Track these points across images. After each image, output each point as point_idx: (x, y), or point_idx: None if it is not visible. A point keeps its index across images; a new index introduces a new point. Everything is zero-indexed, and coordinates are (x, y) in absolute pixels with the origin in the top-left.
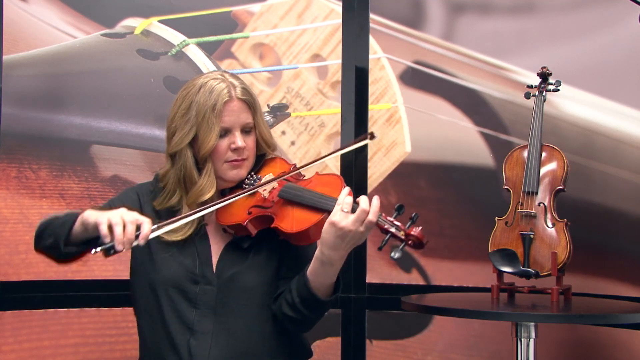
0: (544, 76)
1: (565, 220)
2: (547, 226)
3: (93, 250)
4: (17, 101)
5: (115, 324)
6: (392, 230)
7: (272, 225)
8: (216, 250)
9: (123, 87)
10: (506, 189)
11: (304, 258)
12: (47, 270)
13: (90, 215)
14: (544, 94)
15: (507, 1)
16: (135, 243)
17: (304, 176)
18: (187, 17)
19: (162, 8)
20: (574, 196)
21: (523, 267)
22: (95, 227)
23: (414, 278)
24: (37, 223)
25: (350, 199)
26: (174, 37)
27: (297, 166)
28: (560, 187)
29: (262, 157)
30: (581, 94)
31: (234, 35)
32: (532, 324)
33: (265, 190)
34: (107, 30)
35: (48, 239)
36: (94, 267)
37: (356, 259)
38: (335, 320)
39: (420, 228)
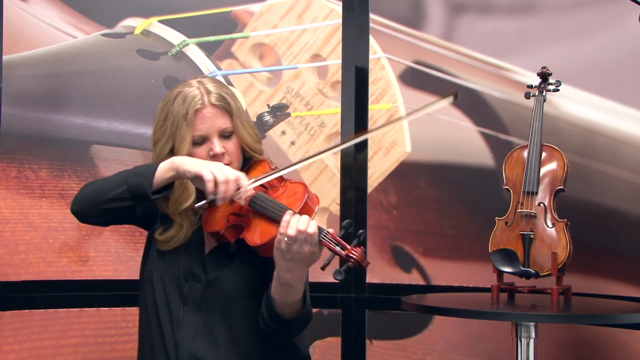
0: (544, 76)
1: (565, 220)
2: (547, 226)
3: (197, 205)
4: (17, 101)
5: (115, 324)
6: (337, 249)
7: (240, 236)
8: (209, 249)
9: (123, 87)
10: (506, 189)
11: None
12: (47, 270)
13: (186, 163)
14: (544, 94)
15: (507, 1)
16: (236, 197)
17: (285, 180)
18: (187, 17)
19: (162, 8)
20: (574, 196)
21: (523, 267)
22: (197, 178)
23: (414, 278)
24: (37, 223)
25: (293, 227)
26: (174, 37)
27: (295, 161)
28: (560, 187)
29: (250, 160)
30: (581, 94)
31: (234, 35)
32: (532, 324)
33: (240, 198)
34: (107, 30)
35: (116, 188)
36: (94, 267)
37: None
38: (335, 320)
39: (361, 249)
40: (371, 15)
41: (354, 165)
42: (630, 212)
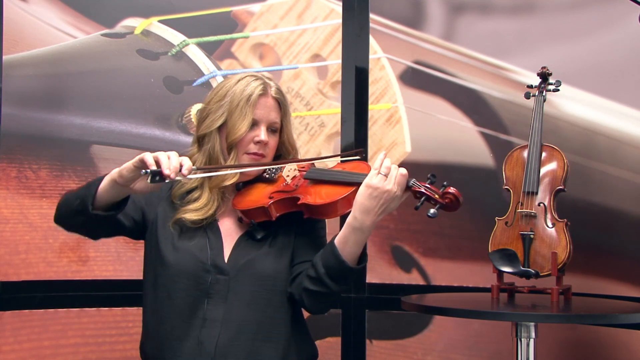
0: (544, 76)
1: (565, 220)
2: (547, 226)
3: (143, 171)
4: (17, 101)
5: (115, 324)
6: (428, 192)
7: (299, 202)
8: (229, 242)
9: (123, 87)
10: (506, 189)
11: (319, 244)
12: (47, 270)
13: (125, 164)
14: (544, 94)
15: (507, 1)
16: (178, 177)
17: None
18: (187, 17)
19: (162, 8)
20: (574, 196)
21: (523, 267)
22: (135, 168)
23: (414, 278)
24: (37, 223)
25: (388, 161)
26: (174, 37)
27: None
28: (560, 187)
29: (279, 157)
30: (581, 94)
31: (234, 35)
32: (532, 324)
33: (288, 176)
34: (107, 30)
35: (74, 202)
36: (94, 267)
37: None
38: (335, 320)
39: (455, 189)
40: (371, 15)
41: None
42: (630, 212)
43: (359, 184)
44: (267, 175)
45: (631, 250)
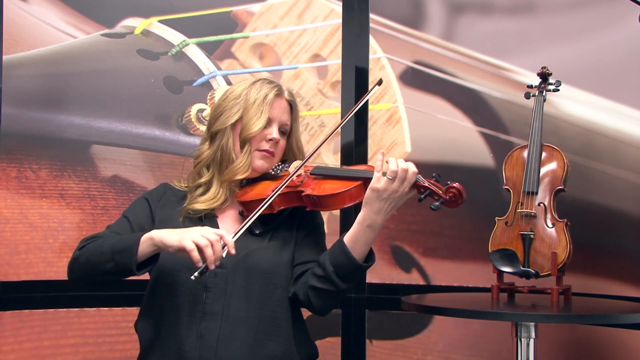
0: (544, 76)
1: (565, 220)
2: (547, 226)
3: (192, 277)
4: (17, 101)
5: (115, 324)
6: (432, 187)
7: (303, 194)
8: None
9: (123, 87)
10: (506, 189)
11: (320, 245)
12: (47, 270)
13: (166, 238)
14: (544, 94)
15: (507, 1)
16: (223, 254)
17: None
18: (187, 17)
19: (162, 8)
20: (574, 196)
21: (523, 267)
22: (179, 250)
23: (414, 278)
24: (37, 223)
25: (393, 163)
26: (174, 37)
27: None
28: (560, 187)
29: (284, 163)
30: (581, 94)
31: (234, 35)
32: (532, 324)
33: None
34: (107, 30)
35: (103, 265)
36: None
37: None
38: (335, 320)
39: (460, 184)
40: (371, 15)
41: (353, 164)
42: (630, 212)
43: (364, 179)
44: (272, 172)
45: (631, 250)
